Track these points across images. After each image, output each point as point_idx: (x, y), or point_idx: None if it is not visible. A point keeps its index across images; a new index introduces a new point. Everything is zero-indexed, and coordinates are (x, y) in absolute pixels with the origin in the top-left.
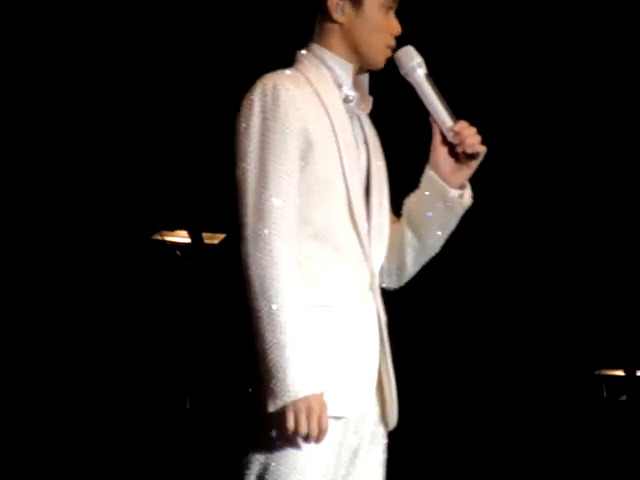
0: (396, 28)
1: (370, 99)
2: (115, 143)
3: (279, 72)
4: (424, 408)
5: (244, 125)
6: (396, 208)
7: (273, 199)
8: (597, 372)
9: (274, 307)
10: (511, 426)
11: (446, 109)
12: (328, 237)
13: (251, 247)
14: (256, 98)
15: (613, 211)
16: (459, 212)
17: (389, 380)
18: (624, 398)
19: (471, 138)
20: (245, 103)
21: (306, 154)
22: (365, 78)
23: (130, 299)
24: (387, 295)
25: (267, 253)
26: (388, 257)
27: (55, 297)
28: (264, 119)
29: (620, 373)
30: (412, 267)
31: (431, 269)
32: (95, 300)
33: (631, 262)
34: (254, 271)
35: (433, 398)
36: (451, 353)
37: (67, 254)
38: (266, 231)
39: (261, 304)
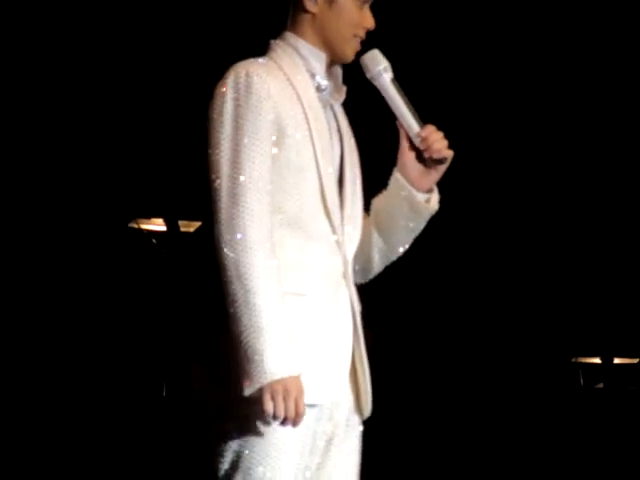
0: (369, 22)
1: (344, 89)
2: (91, 132)
3: (252, 60)
4: (400, 396)
5: (217, 112)
6: (366, 203)
7: (247, 184)
8: (574, 360)
9: (250, 291)
10: (488, 413)
11: (413, 114)
12: (300, 225)
13: (225, 232)
14: (229, 86)
15: (590, 203)
16: (426, 216)
17: (363, 368)
18: (601, 386)
19: (438, 143)
20: (218, 91)
21: (279, 141)
22: (339, 68)
23: (106, 287)
24: (362, 284)
25: (241, 237)
26: (355, 257)
27: (30, 285)
28: (237, 106)
29: (597, 361)
30: (377, 266)
31: (406, 258)
32: (71, 288)
33: (607, 251)
34: (229, 255)
35: (409, 386)
36: (427, 342)
37: (42, 242)
38: (240, 215)
39: (237, 288)
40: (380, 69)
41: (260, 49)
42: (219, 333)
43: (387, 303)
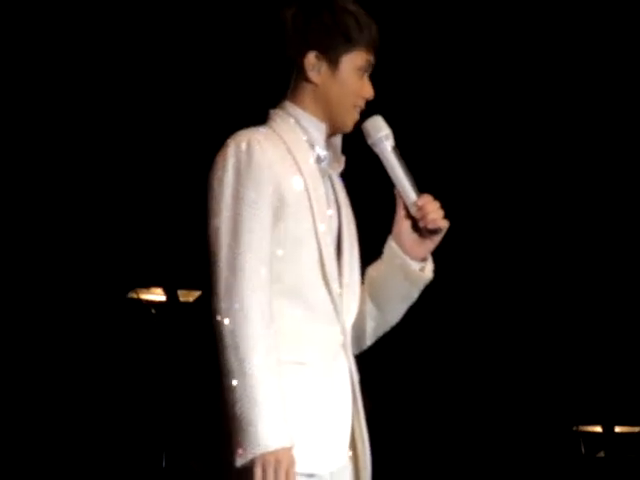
0: (369, 92)
1: (342, 159)
2: (91, 201)
3: (252, 129)
4: (399, 465)
5: (218, 181)
6: (362, 273)
7: (246, 254)
8: (575, 428)
9: (245, 361)
10: None
11: (411, 183)
12: (299, 294)
13: (223, 301)
14: (229, 155)
15: (594, 259)
16: (419, 285)
17: (362, 437)
18: (602, 454)
19: (434, 213)
20: (218, 160)
21: (278, 212)
22: (338, 138)
23: (106, 358)
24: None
25: (239, 308)
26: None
27: (29, 356)
28: (237, 176)
29: (598, 429)
30: (370, 337)
31: (404, 326)
32: (70, 359)
33: (608, 321)
34: (226, 326)
35: (408, 456)
36: (427, 412)
37: (42, 312)
38: (239, 286)
39: (232, 358)
40: (381, 136)
41: (259, 117)
42: (218, 404)
43: (385, 372)
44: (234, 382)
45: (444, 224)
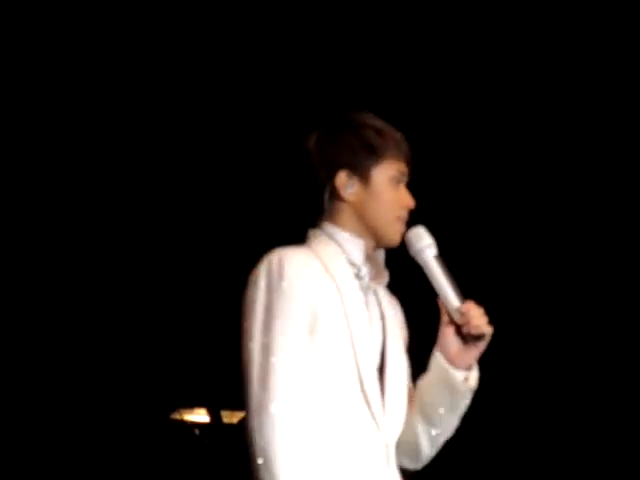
0: (407, 201)
1: (386, 273)
2: (132, 320)
3: (287, 247)
4: None
5: (250, 300)
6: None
7: (277, 370)
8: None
9: (275, 478)
10: None
11: (454, 289)
12: (336, 411)
13: (256, 421)
14: (262, 273)
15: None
16: (466, 394)
17: None
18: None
19: (477, 319)
20: (251, 278)
21: (313, 329)
22: (381, 252)
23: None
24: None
25: (271, 427)
26: (401, 440)
27: (72, 475)
28: (269, 293)
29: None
30: (426, 450)
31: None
32: None
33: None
34: (258, 444)
35: None
36: None
37: (86, 436)
38: (271, 405)
39: (263, 476)
40: (423, 246)
41: (299, 237)
42: None
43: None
44: None
45: (488, 330)
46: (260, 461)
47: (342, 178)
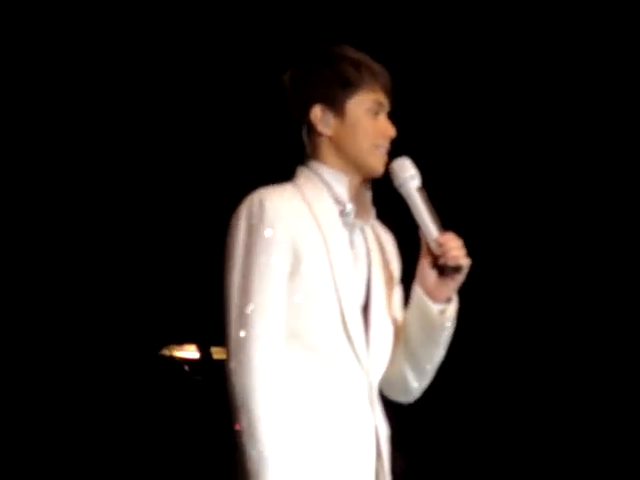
0: (386, 130)
1: (372, 210)
2: (125, 257)
3: (269, 187)
4: None
5: (230, 241)
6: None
7: (254, 313)
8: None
9: (252, 419)
10: None
11: (435, 221)
12: (320, 351)
13: (233, 358)
14: (242, 214)
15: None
16: (444, 327)
17: None
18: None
19: (455, 250)
20: (232, 219)
21: (294, 268)
22: (368, 191)
23: (138, 417)
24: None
25: (247, 364)
26: (389, 373)
27: (59, 415)
28: (249, 236)
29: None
30: (415, 382)
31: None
32: (101, 417)
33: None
34: (235, 381)
35: None
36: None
37: (73, 369)
38: (248, 344)
39: (241, 417)
40: (407, 176)
41: (287, 174)
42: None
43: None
44: (243, 441)
45: (465, 261)
46: (238, 403)
47: (317, 112)
